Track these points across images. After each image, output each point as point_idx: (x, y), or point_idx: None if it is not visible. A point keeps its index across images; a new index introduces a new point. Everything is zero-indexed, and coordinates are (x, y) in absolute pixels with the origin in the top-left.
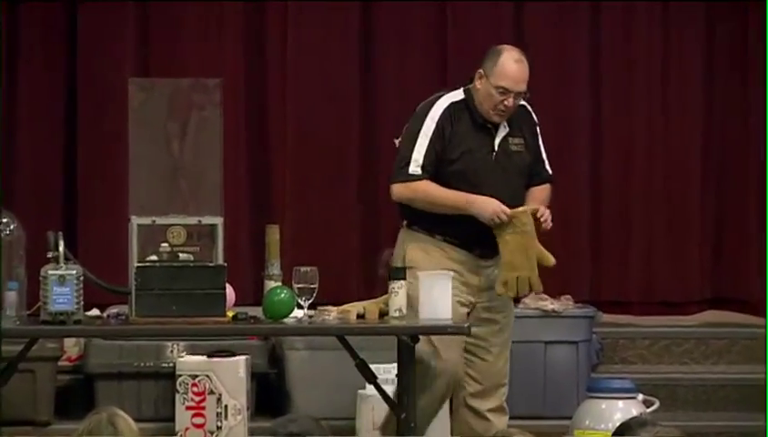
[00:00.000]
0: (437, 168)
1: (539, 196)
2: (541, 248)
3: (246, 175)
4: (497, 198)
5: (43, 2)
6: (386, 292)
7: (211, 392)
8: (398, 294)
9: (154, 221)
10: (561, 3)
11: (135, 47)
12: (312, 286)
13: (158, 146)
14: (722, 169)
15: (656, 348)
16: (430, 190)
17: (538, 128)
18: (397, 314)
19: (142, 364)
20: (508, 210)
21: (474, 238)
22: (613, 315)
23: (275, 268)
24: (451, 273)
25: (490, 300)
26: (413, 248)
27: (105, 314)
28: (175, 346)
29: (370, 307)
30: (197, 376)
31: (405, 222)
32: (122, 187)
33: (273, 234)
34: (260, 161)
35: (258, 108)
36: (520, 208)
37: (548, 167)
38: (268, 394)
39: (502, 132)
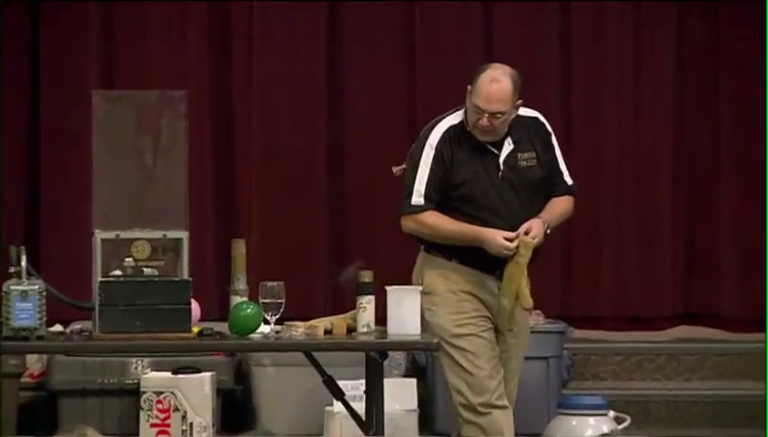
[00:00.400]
0: (444, 194)
1: (555, 207)
2: (524, 286)
3: (211, 188)
4: (508, 217)
5: (7, 5)
6: (354, 308)
7: (176, 409)
8: (366, 309)
9: (118, 235)
10: (531, 3)
11: (98, 54)
12: (279, 301)
13: (123, 158)
14: (694, 182)
15: (628, 364)
16: (437, 224)
17: (553, 139)
18: (365, 329)
19: (106, 381)
20: (510, 245)
21: (491, 261)
22: (584, 330)
23: (241, 282)
24: (419, 288)
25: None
26: (431, 274)
27: (68, 330)
28: (139, 362)
29: (338, 322)
30: (161, 393)
31: (422, 246)
32: (86, 200)
33: (239, 248)
34: (226, 174)
35: (224, 119)
36: (521, 237)
37: (567, 178)
38: (234, 411)
39: (507, 148)
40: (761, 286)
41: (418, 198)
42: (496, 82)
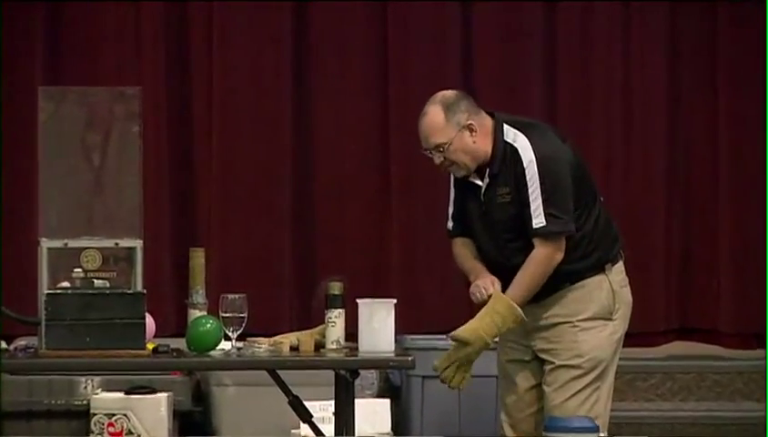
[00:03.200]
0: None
1: (518, 280)
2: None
3: (167, 193)
4: (490, 254)
5: None
6: (322, 322)
7: (129, 433)
8: (335, 324)
9: (66, 244)
10: (513, 2)
11: (45, 57)
12: (241, 315)
13: (71, 161)
14: (689, 192)
15: (619, 382)
16: (457, 255)
17: (526, 172)
18: (334, 346)
19: (53, 401)
20: (479, 293)
21: (505, 288)
22: None
23: (200, 295)
24: (392, 301)
25: (542, 342)
26: None
27: (12, 347)
28: (89, 382)
29: (305, 338)
30: (113, 415)
31: None
32: (31, 206)
33: (197, 258)
34: (184, 178)
35: (182, 122)
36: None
37: (536, 218)
38: (193, 435)
39: (485, 183)
40: (759, 299)
41: (449, 222)
42: (423, 116)
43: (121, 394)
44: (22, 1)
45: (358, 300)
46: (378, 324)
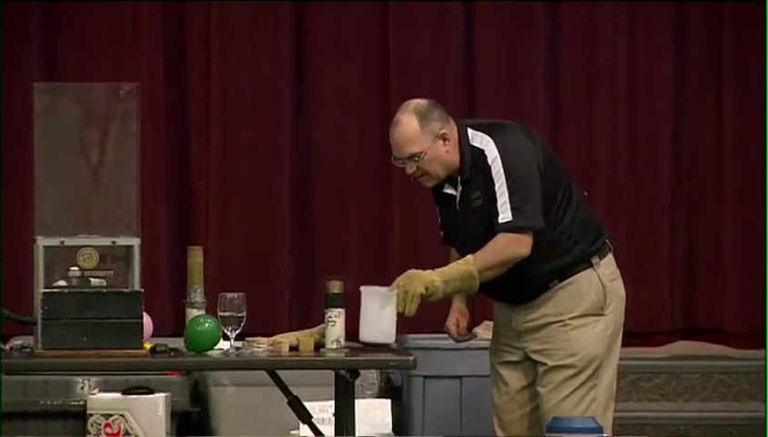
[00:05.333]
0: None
1: (478, 256)
2: None
3: (165, 191)
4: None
5: None
6: (322, 322)
7: (126, 433)
8: (335, 324)
9: (62, 242)
10: (517, 2)
11: (40, 51)
12: (239, 314)
13: (67, 158)
14: (694, 188)
15: (623, 383)
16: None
17: (492, 169)
18: (334, 346)
19: (49, 402)
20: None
21: (493, 290)
22: None
23: (198, 294)
24: (395, 291)
25: (534, 343)
26: None
27: (7, 346)
28: (86, 382)
29: (304, 338)
30: (110, 415)
31: None
32: (27, 204)
33: (195, 256)
34: (181, 176)
35: (180, 119)
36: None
37: (502, 214)
38: (191, 435)
39: (459, 189)
40: (765, 299)
41: (440, 231)
42: (395, 125)
43: (118, 394)
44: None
45: (361, 288)
46: (376, 313)
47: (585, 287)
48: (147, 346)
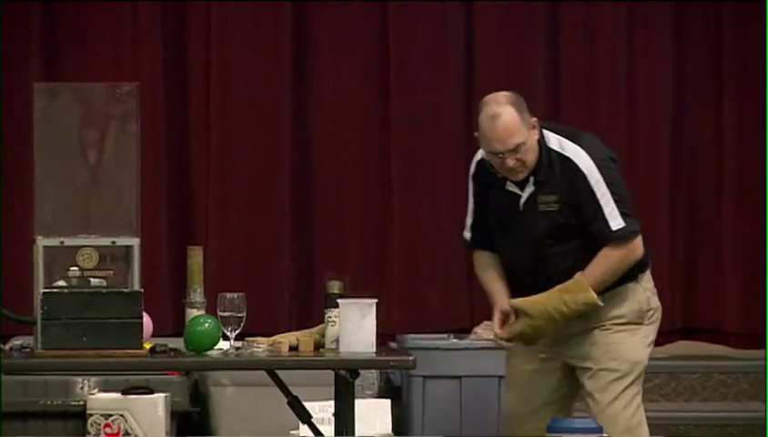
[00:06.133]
0: (486, 228)
1: (590, 270)
2: None
3: (165, 191)
4: (523, 265)
5: None
6: (322, 322)
7: (126, 434)
8: (335, 324)
9: (62, 242)
10: (516, 2)
11: (40, 50)
12: (239, 314)
13: (67, 158)
14: (693, 189)
15: None
16: (477, 266)
17: (589, 179)
18: (334, 346)
19: (49, 402)
20: (498, 333)
21: (523, 287)
22: None
23: (197, 294)
24: (372, 302)
25: (575, 348)
26: None
27: (7, 346)
28: (85, 382)
29: (304, 338)
30: (110, 415)
31: None
32: (26, 204)
33: (195, 256)
34: (181, 176)
35: (180, 119)
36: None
37: (613, 221)
38: (191, 435)
39: (528, 190)
40: (764, 299)
41: (467, 233)
42: (496, 118)
43: (118, 395)
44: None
45: (339, 301)
46: (354, 325)
47: (630, 296)
48: (147, 346)
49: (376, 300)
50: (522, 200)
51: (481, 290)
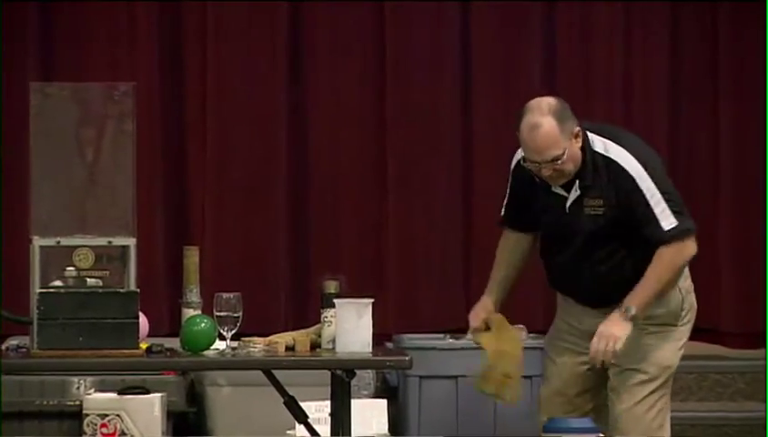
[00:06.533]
0: (519, 217)
1: (646, 277)
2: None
3: (161, 191)
4: (567, 266)
5: None
6: (318, 322)
7: (122, 434)
8: (331, 324)
9: (58, 242)
10: (513, 2)
11: (36, 50)
12: (235, 315)
13: (63, 158)
14: (689, 187)
15: None
16: (499, 246)
17: (638, 182)
18: (330, 346)
19: (45, 402)
20: (473, 324)
21: (574, 290)
22: None
23: (194, 294)
24: (369, 301)
25: None
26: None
27: (3, 346)
28: (82, 382)
29: (301, 338)
30: (106, 415)
31: None
32: (22, 204)
33: (192, 256)
34: (178, 176)
35: (176, 119)
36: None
37: (665, 222)
38: (187, 435)
39: (574, 194)
40: (762, 298)
41: (503, 210)
42: (535, 129)
43: (114, 395)
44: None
45: (335, 300)
46: (351, 325)
47: (664, 296)
48: (143, 346)
49: (372, 300)
50: (569, 203)
51: (478, 290)
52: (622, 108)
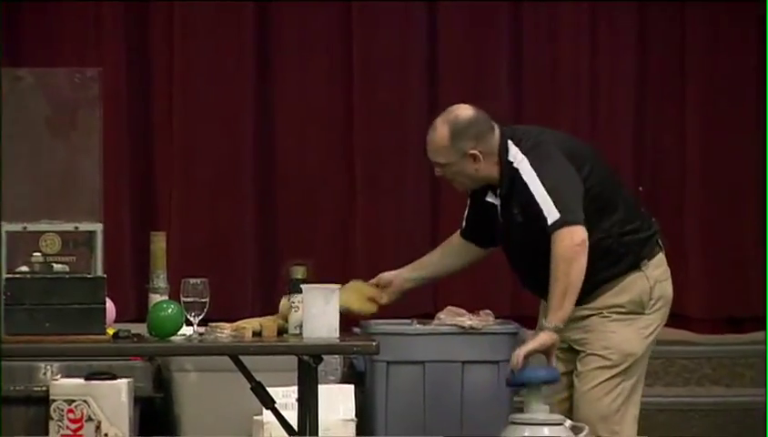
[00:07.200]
0: (473, 224)
1: (551, 280)
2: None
3: (128, 176)
4: (518, 266)
5: None
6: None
7: (89, 419)
8: (298, 309)
9: (25, 228)
10: (480, 2)
11: (3, 39)
12: (203, 300)
13: (30, 143)
14: (656, 175)
15: None
16: (443, 243)
17: (525, 175)
18: (297, 331)
19: (12, 388)
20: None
21: (528, 287)
22: None
23: (161, 280)
24: (335, 287)
25: (576, 332)
26: None
27: None
28: (48, 367)
29: (268, 323)
30: (73, 401)
31: None
32: None
33: (158, 242)
34: (144, 161)
35: (142, 104)
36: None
37: (548, 215)
38: (154, 421)
39: (498, 203)
40: (730, 284)
41: (463, 221)
42: (431, 130)
43: (81, 380)
44: None
45: (303, 286)
46: (318, 310)
47: (630, 285)
48: (110, 331)
49: (339, 286)
50: (499, 212)
51: (445, 277)
52: (589, 107)
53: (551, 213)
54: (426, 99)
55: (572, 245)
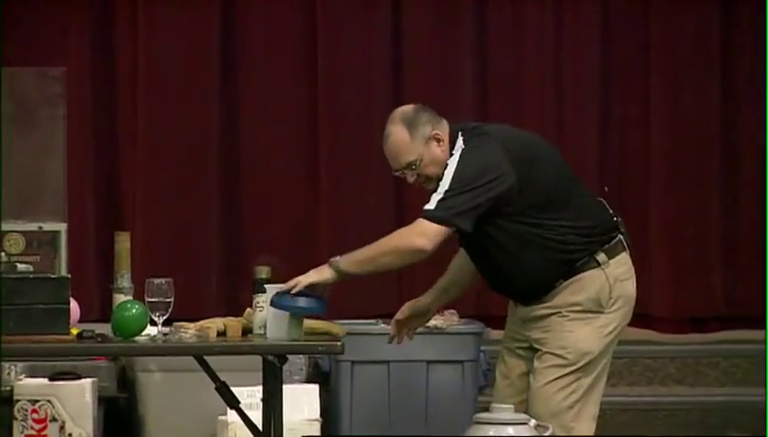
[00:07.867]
0: None
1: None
2: None
3: (92, 176)
4: (480, 265)
5: None
6: (250, 307)
7: (53, 419)
8: (263, 309)
9: None
10: (444, 1)
11: None
12: (167, 300)
13: None
14: (621, 174)
15: None
16: (453, 259)
17: (449, 166)
18: (262, 331)
19: None
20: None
21: (504, 290)
22: (502, 331)
23: (125, 280)
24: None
25: (535, 331)
26: None
27: None
28: (12, 368)
29: (232, 324)
30: (37, 401)
31: None
32: None
33: (123, 242)
34: (108, 161)
35: (106, 103)
36: None
37: (431, 199)
38: (118, 421)
39: None
40: (693, 284)
41: None
42: (386, 139)
43: (45, 380)
44: None
45: (265, 285)
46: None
47: (588, 284)
48: (74, 331)
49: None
50: None
51: (409, 278)
52: (554, 100)
53: (432, 200)
54: (391, 99)
55: (414, 236)
